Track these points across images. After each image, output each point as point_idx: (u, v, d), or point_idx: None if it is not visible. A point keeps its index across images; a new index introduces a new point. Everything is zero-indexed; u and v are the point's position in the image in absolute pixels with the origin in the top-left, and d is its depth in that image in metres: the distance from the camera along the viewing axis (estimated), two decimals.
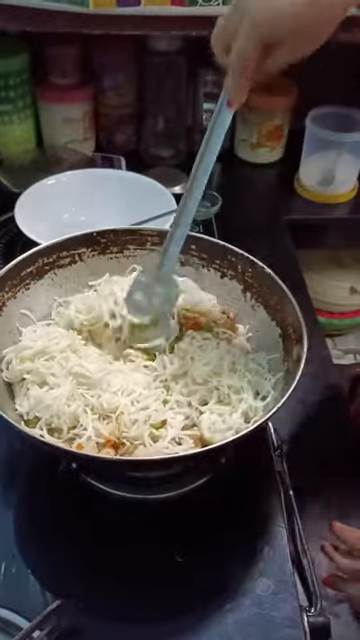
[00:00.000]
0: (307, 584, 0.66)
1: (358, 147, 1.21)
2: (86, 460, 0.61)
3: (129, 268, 0.80)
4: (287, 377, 0.66)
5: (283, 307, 0.71)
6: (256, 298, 0.76)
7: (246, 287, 0.77)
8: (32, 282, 0.75)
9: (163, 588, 0.65)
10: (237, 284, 0.78)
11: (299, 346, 0.65)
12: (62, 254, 0.77)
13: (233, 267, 0.77)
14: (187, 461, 0.61)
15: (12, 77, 1.16)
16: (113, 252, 0.80)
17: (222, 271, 0.79)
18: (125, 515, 0.70)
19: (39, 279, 0.75)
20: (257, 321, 0.76)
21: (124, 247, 0.80)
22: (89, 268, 0.79)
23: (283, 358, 0.69)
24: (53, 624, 0.57)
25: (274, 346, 0.72)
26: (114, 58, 1.22)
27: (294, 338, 0.68)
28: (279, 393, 0.65)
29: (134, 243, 0.80)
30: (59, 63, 1.21)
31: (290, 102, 1.27)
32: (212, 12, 0.98)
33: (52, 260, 0.76)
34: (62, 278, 0.78)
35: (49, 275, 0.76)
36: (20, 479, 0.74)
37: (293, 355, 0.66)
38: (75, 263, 0.78)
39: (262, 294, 0.75)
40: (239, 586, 0.64)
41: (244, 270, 0.76)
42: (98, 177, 1.11)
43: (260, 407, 0.66)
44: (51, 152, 1.26)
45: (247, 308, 0.77)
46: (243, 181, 1.33)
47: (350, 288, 1.46)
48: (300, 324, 0.67)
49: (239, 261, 0.77)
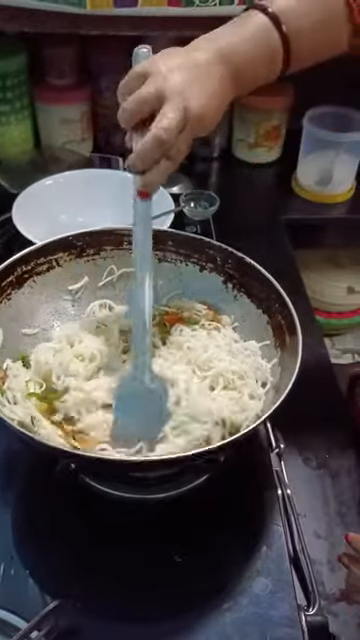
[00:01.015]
0: (305, 583, 0.66)
1: (355, 147, 1.21)
2: (83, 459, 0.61)
3: (107, 270, 0.80)
4: (283, 367, 0.66)
5: (268, 295, 0.72)
6: (238, 288, 0.77)
7: (227, 278, 0.78)
8: (13, 292, 0.74)
9: (161, 588, 0.65)
10: (217, 276, 0.78)
11: (294, 337, 0.66)
12: (39, 261, 0.76)
13: (212, 260, 0.78)
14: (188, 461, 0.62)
15: (9, 78, 1.16)
16: (90, 254, 0.79)
17: (201, 264, 0.79)
18: (123, 515, 0.69)
19: (19, 288, 0.75)
20: (242, 311, 0.76)
21: (100, 248, 0.80)
22: (67, 272, 0.79)
23: (275, 344, 0.70)
24: (51, 624, 0.57)
25: (263, 333, 0.72)
26: (111, 59, 1.22)
27: (284, 325, 0.69)
28: (277, 382, 0.65)
29: (110, 244, 0.80)
30: (57, 64, 1.21)
31: (287, 102, 1.27)
32: (209, 13, 0.98)
33: (30, 268, 0.75)
34: (41, 285, 0.77)
35: (28, 283, 0.76)
36: (18, 479, 0.74)
37: (286, 342, 0.67)
38: (53, 269, 0.77)
39: (244, 284, 0.76)
40: (237, 585, 0.64)
41: (224, 262, 0.77)
42: (96, 177, 1.11)
43: (262, 393, 0.67)
44: (49, 153, 1.26)
45: (230, 299, 0.78)
46: (241, 181, 1.33)
47: (348, 288, 1.46)
48: (290, 311, 0.68)
49: (217, 253, 0.77)
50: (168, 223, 0.98)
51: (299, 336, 0.66)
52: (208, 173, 1.32)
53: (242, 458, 0.69)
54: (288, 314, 0.68)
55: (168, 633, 0.61)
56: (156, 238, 0.76)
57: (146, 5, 0.98)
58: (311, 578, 0.66)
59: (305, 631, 0.60)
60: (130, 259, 0.78)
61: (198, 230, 1.11)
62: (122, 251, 0.80)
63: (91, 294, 0.81)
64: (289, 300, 0.69)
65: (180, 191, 1.15)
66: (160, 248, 0.79)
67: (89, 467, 0.68)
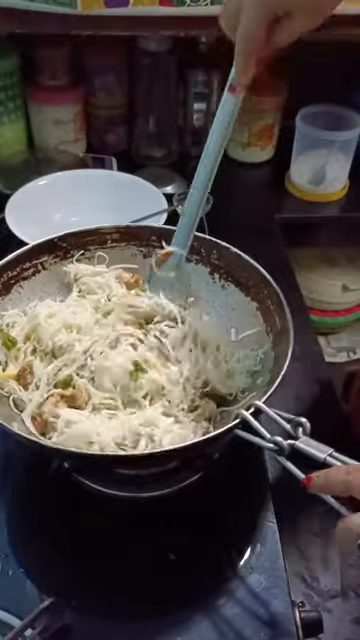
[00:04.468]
0: (299, 579, 0.66)
1: (348, 145, 1.21)
2: (72, 456, 0.61)
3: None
4: (276, 352, 0.67)
5: (256, 282, 0.72)
6: (225, 278, 0.77)
7: (213, 269, 0.78)
8: (1, 298, 0.73)
9: (156, 585, 0.65)
10: (203, 267, 0.78)
11: (284, 320, 0.67)
12: (25, 265, 0.75)
13: (196, 252, 0.78)
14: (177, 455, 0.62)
15: (2, 79, 1.16)
16: (75, 255, 0.79)
17: (186, 257, 0.79)
18: (118, 513, 0.70)
19: (7, 294, 0.74)
20: (231, 300, 0.76)
21: (85, 249, 0.79)
22: (53, 275, 0.78)
23: (266, 330, 0.70)
24: (45, 622, 0.57)
25: (254, 320, 0.73)
26: (104, 59, 1.23)
27: (273, 310, 0.69)
28: (268, 372, 0.66)
29: (94, 243, 0.79)
30: (49, 64, 1.21)
31: (280, 101, 1.28)
32: (200, 12, 0.99)
33: (16, 273, 0.75)
34: (28, 290, 0.76)
35: (15, 289, 0.75)
36: (12, 479, 0.74)
37: (277, 326, 0.68)
38: (39, 273, 0.77)
39: (231, 273, 0.76)
40: (231, 582, 0.64)
41: (208, 253, 0.77)
42: (89, 178, 1.12)
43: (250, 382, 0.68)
44: (42, 153, 1.26)
45: (217, 289, 0.78)
46: (234, 181, 1.33)
47: (342, 286, 1.47)
48: (279, 296, 0.68)
49: (202, 245, 0.77)
50: (161, 222, 0.99)
51: (289, 319, 0.66)
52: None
53: (235, 455, 0.69)
54: (277, 299, 0.69)
55: (163, 631, 0.61)
56: (139, 234, 0.79)
57: (137, 5, 0.98)
58: (305, 574, 0.66)
59: (299, 627, 0.60)
60: (114, 256, 0.80)
61: None
62: (106, 249, 0.80)
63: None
64: (276, 285, 0.70)
65: (173, 190, 1.15)
66: (144, 244, 0.80)
67: (78, 464, 0.68)
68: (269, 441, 0.53)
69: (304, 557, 0.69)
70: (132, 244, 0.80)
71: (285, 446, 0.53)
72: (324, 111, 1.21)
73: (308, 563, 0.68)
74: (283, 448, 0.53)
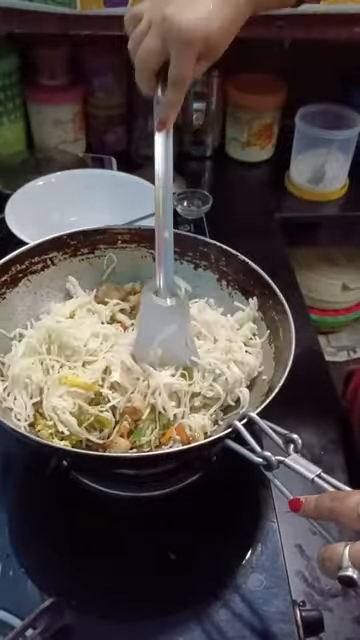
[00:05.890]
0: (300, 579, 0.66)
1: (348, 144, 1.21)
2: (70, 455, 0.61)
3: (101, 268, 0.81)
4: (277, 361, 0.67)
5: (262, 291, 0.72)
6: (232, 285, 0.77)
7: (221, 276, 0.78)
8: (7, 291, 0.74)
9: (157, 585, 0.65)
10: (212, 274, 0.78)
11: (287, 333, 0.67)
12: (34, 260, 0.76)
13: (206, 258, 0.78)
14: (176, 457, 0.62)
15: (1, 79, 1.16)
16: (84, 253, 0.79)
17: (195, 262, 0.79)
18: (118, 513, 0.70)
19: (14, 287, 0.74)
20: (236, 308, 0.76)
21: (95, 247, 0.80)
22: (62, 271, 0.78)
23: (269, 340, 0.71)
24: (46, 622, 0.57)
25: (258, 330, 0.73)
26: (103, 59, 1.23)
27: (277, 320, 0.70)
28: (270, 377, 0.66)
29: (104, 242, 0.80)
30: (48, 64, 1.21)
31: (279, 100, 1.28)
32: None
33: (25, 267, 0.75)
34: (36, 284, 0.77)
35: (23, 282, 0.75)
36: (13, 479, 0.74)
37: (280, 337, 0.68)
38: (48, 268, 0.77)
39: (238, 281, 0.76)
40: (232, 581, 0.64)
41: (217, 259, 0.77)
42: (89, 177, 1.12)
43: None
44: (41, 153, 1.26)
45: (225, 296, 0.78)
46: (234, 180, 1.33)
47: (342, 285, 1.47)
48: (284, 307, 0.68)
49: (211, 251, 0.77)
50: None
51: (292, 332, 0.66)
52: (201, 172, 1.32)
53: (235, 455, 0.69)
54: (282, 310, 0.69)
55: (164, 630, 0.61)
56: (148, 237, 0.78)
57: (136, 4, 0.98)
58: (306, 573, 0.66)
59: (300, 626, 0.60)
60: (124, 257, 0.80)
61: (191, 229, 1.11)
62: (117, 249, 0.80)
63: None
64: (282, 297, 0.70)
65: (173, 190, 1.15)
66: (153, 246, 0.79)
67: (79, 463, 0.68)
68: (259, 455, 0.52)
69: (305, 556, 0.69)
70: (142, 246, 0.80)
71: (274, 462, 0.51)
72: (323, 110, 1.21)
73: (309, 562, 0.68)
74: (272, 464, 0.51)
